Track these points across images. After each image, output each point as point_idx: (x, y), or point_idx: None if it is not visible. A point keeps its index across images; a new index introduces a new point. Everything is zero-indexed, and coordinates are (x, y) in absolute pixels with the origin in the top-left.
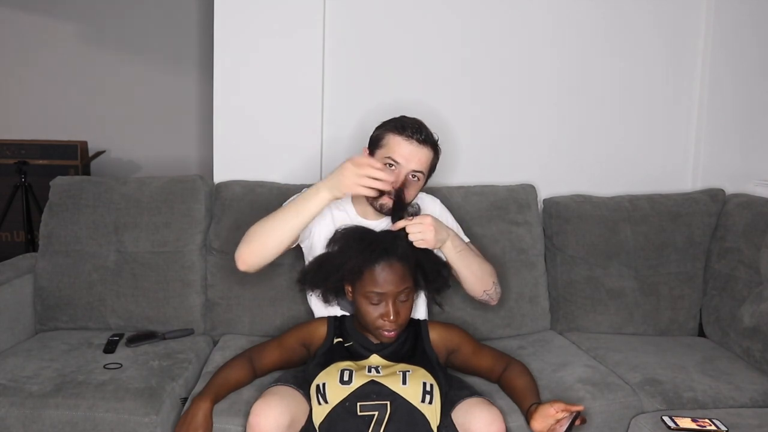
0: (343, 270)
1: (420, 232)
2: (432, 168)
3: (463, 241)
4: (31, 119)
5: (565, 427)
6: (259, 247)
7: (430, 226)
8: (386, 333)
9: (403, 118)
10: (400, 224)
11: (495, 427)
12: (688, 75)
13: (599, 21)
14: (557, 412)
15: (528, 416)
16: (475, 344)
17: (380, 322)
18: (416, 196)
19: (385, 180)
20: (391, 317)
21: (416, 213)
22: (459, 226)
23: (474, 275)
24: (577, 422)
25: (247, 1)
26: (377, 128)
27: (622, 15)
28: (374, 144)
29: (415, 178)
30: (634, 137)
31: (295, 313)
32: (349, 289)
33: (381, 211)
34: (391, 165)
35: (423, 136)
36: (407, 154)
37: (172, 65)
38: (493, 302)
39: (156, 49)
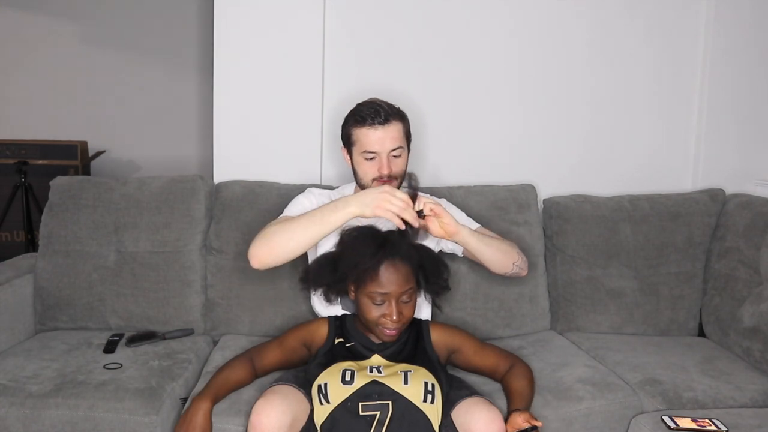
0: (347, 270)
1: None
2: (408, 135)
3: (473, 227)
4: (31, 119)
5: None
6: (278, 248)
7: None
8: (387, 331)
9: (358, 107)
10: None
11: (495, 427)
12: (688, 75)
13: (599, 22)
14: (524, 422)
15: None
16: (477, 344)
17: (382, 320)
18: (406, 166)
19: (409, 215)
20: (394, 317)
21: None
22: (463, 213)
23: (499, 250)
24: None
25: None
26: (342, 126)
27: (622, 16)
28: (347, 143)
29: (398, 155)
30: (635, 137)
31: (296, 313)
32: (352, 288)
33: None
34: (371, 158)
35: (382, 117)
36: (377, 140)
37: (172, 65)
38: (524, 272)
39: (156, 49)
